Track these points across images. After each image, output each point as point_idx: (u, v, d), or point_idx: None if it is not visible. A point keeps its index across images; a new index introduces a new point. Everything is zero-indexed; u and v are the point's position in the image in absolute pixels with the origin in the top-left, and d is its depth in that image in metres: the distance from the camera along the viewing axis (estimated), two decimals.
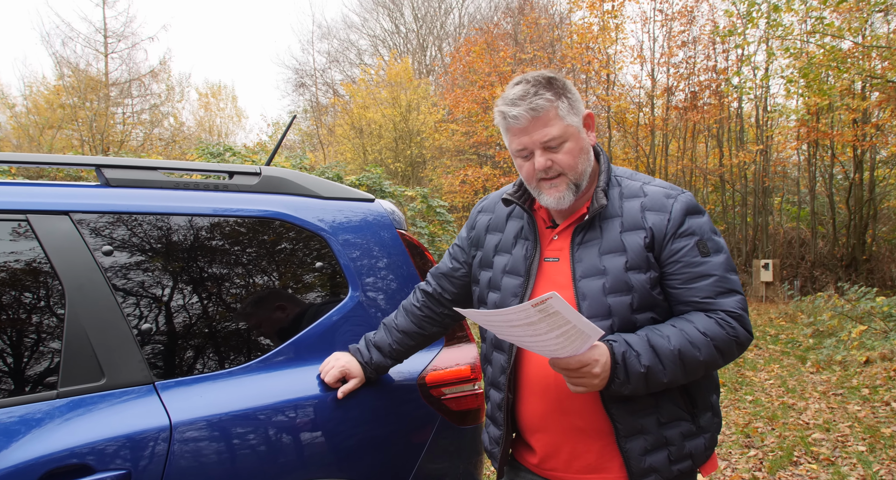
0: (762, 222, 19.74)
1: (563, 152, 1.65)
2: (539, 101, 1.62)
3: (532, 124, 1.63)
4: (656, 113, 20.33)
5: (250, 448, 1.80)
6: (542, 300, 1.32)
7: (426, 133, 22.03)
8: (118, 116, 23.85)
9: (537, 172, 1.67)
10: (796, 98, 16.82)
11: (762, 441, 5.32)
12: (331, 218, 2.18)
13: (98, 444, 1.61)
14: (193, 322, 1.91)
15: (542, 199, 1.70)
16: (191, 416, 1.75)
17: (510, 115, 1.64)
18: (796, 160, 21.60)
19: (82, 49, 27.15)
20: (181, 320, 1.89)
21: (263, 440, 1.82)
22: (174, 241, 1.94)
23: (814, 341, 10.02)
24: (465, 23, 29.28)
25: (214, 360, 1.90)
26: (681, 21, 20.02)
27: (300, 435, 1.89)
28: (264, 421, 1.84)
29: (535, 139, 1.64)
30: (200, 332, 1.91)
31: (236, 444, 1.78)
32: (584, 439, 1.67)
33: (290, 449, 1.86)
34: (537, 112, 1.62)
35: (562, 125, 1.64)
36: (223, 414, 1.79)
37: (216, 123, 30.71)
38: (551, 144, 1.64)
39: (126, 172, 1.94)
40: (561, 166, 1.66)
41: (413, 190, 14.63)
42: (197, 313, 1.92)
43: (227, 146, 12.76)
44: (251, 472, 1.79)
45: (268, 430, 1.83)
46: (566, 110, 1.65)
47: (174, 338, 1.87)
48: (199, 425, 1.75)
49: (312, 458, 1.89)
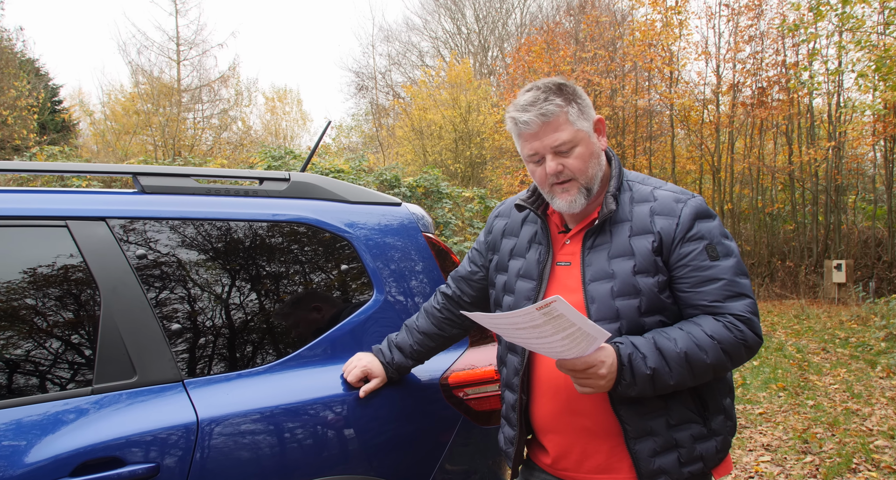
0: (835, 222, 18.98)
1: (573, 157, 1.68)
2: (549, 106, 1.65)
3: (543, 129, 1.66)
4: (722, 110, 19.80)
5: (275, 445, 1.87)
6: (546, 303, 1.35)
7: (486, 134, 22.05)
8: (189, 120, 24.74)
9: (549, 176, 1.69)
10: (872, 92, 16.11)
11: (820, 447, 5.15)
12: (357, 222, 2.24)
13: (128, 438, 1.71)
14: (221, 323, 2.00)
15: (555, 203, 1.73)
16: (217, 413, 1.83)
17: (521, 120, 1.67)
18: (872, 157, 20.69)
19: (156, 57, 28.32)
20: (210, 320, 1.98)
21: (289, 437, 1.89)
22: (204, 245, 2.03)
23: (886, 345, 9.59)
24: (527, 22, 29.17)
25: (241, 359, 1.98)
26: (748, 15, 19.45)
27: (327, 433, 1.95)
28: (289, 418, 1.90)
29: (546, 144, 1.67)
30: (228, 332, 2.00)
31: (261, 440, 1.86)
32: (593, 440, 1.69)
33: (316, 446, 1.92)
34: (547, 117, 1.65)
35: (572, 130, 1.67)
36: (249, 411, 1.87)
37: (282, 126, 31.49)
38: (562, 148, 1.67)
39: (160, 180, 2.05)
40: (572, 171, 1.68)
41: (471, 191, 14.70)
42: (225, 314, 2.01)
43: (287, 150, 13.11)
44: (276, 467, 1.86)
45: (292, 427, 1.90)
46: (576, 115, 1.68)
47: (203, 338, 1.96)
48: (225, 421, 1.83)
49: (340, 455, 1.95)
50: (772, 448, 5.20)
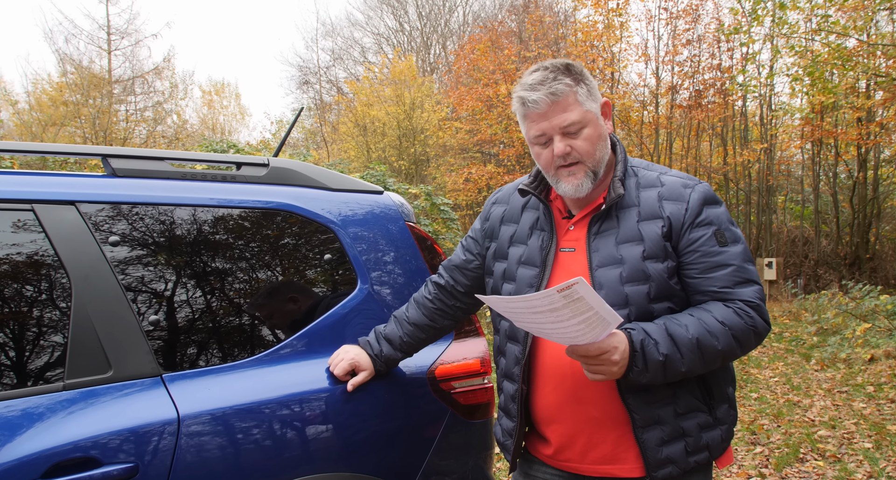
0: (766, 221, 19.68)
1: (581, 139, 1.63)
2: (559, 86, 1.60)
3: (551, 109, 1.61)
4: (661, 111, 20.27)
5: (259, 441, 1.78)
6: (568, 285, 1.30)
7: (430, 131, 22.00)
8: (121, 113, 23.86)
9: (556, 158, 1.65)
10: (801, 96, 16.77)
11: (768, 439, 5.30)
12: (339, 210, 2.16)
13: (104, 437, 1.59)
14: (202, 314, 1.89)
15: (560, 187, 1.68)
16: (199, 409, 1.73)
17: (530, 99, 1.62)
18: (800, 159, 21.54)
19: (85, 46, 27.24)
20: (189, 311, 1.87)
21: (272, 433, 1.80)
22: (182, 232, 1.92)
23: (818, 339, 9.99)
24: (470, 21, 29.24)
25: (223, 352, 1.88)
26: (685, 19, 19.94)
27: (310, 429, 1.86)
28: (273, 414, 1.81)
29: (555, 124, 1.62)
30: (209, 324, 1.89)
31: (245, 437, 1.76)
32: (599, 429, 1.66)
33: (300, 443, 1.84)
34: (557, 97, 1.60)
35: (581, 111, 1.62)
36: (232, 407, 1.77)
37: (219, 120, 30.71)
38: (570, 129, 1.62)
39: (133, 163, 1.92)
40: (579, 153, 1.64)
41: (417, 188, 14.60)
42: (205, 305, 1.90)
43: (230, 143, 12.76)
44: (260, 465, 1.77)
45: (277, 423, 1.81)
46: (585, 96, 1.64)
47: (182, 330, 1.85)
48: (208, 418, 1.72)
49: (322, 452, 1.87)
50: None
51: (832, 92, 12.06)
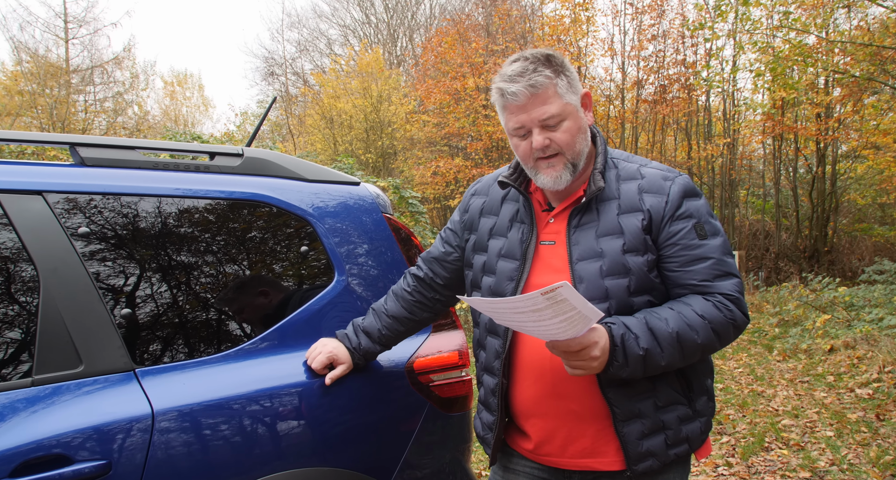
0: (728, 215, 20.01)
1: (561, 131, 1.61)
2: (538, 77, 1.58)
3: (531, 102, 1.59)
4: (626, 106, 20.45)
5: (235, 436, 1.74)
6: (553, 289, 1.29)
7: (397, 124, 21.88)
8: (80, 103, 23.28)
9: (535, 150, 1.63)
10: (763, 92, 17.06)
11: (734, 428, 5.39)
12: (316, 201, 2.12)
13: (75, 433, 1.54)
14: (176, 307, 1.84)
15: (539, 179, 1.66)
16: (173, 404, 1.68)
17: (509, 91, 1.60)
18: (762, 154, 21.94)
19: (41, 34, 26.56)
20: (163, 304, 1.82)
21: (249, 428, 1.76)
22: (154, 223, 1.87)
23: (780, 330, 10.19)
24: (437, 14, 29.14)
25: (198, 346, 1.83)
26: (651, 14, 20.14)
27: (287, 423, 1.83)
28: (250, 409, 1.78)
29: (534, 117, 1.60)
30: (183, 317, 1.84)
31: (221, 432, 1.72)
32: (579, 423, 1.65)
33: (276, 437, 1.80)
34: (536, 89, 1.58)
35: (560, 103, 1.60)
36: (207, 402, 1.73)
37: (182, 112, 30.17)
38: (550, 122, 1.60)
39: (102, 152, 1.86)
40: (559, 145, 1.62)
41: (385, 181, 14.52)
42: (179, 297, 1.86)
43: (194, 135, 12.54)
44: (236, 461, 1.73)
45: (254, 418, 1.78)
46: (565, 88, 1.61)
47: (155, 323, 1.80)
48: (183, 413, 1.68)
49: (299, 446, 1.84)
50: None
51: (793, 88, 12.27)
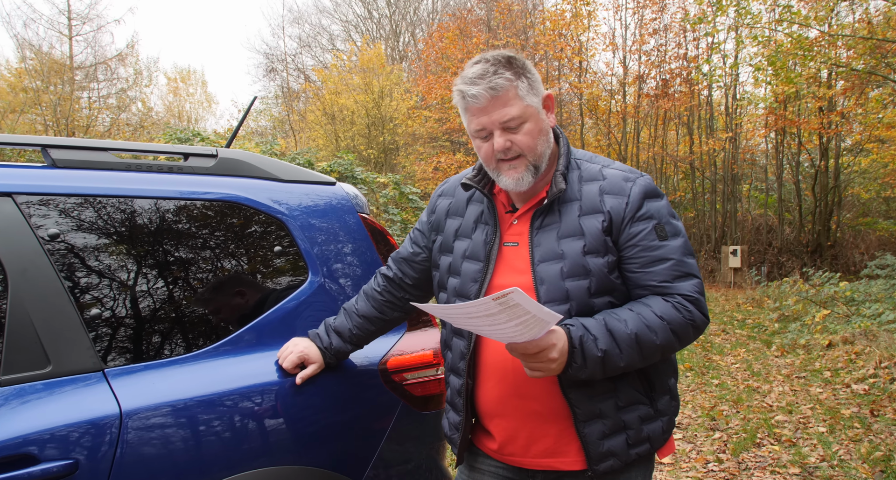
0: (731, 209, 19.97)
1: (522, 133, 1.62)
2: (499, 80, 1.58)
3: (491, 104, 1.59)
4: (628, 100, 20.41)
5: (205, 436, 1.75)
6: (504, 294, 1.30)
7: (399, 120, 21.91)
8: (84, 100, 23.37)
9: (496, 153, 1.63)
10: (765, 86, 17.00)
11: (727, 424, 5.40)
12: (290, 201, 2.13)
13: (43, 433, 1.55)
14: (146, 308, 1.85)
15: (501, 180, 1.67)
16: (142, 404, 1.70)
17: (469, 94, 1.60)
18: (764, 148, 21.87)
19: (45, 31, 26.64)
20: (133, 305, 1.84)
21: (219, 428, 1.78)
22: (125, 224, 1.88)
23: (779, 325, 10.18)
24: (439, 9, 29.11)
25: (168, 346, 1.85)
26: (652, 8, 20.08)
27: (258, 423, 1.84)
28: (220, 409, 1.79)
29: (495, 119, 1.60)
30: (153, 317, 1.86)
31: (191, 432, 1.74)
32: (541, 423, 1.66)
33: (247, 436, 1.82)
34: (497, 91, 1.58)
35: (521, 105, 1.61)
36: (177, 402, 1.74)
37: (185, 108, 30.22)
38: (510, 124, 1.61)
39: (74, 153, 1.87)
40: (520, 147, 1.62)
41: (385, 177, 14.56)
42: (150, 298, 1.87)
43: (195, 132, 12.57)
44: (206, 460, 1.74)
45: (224, 418, 1.79)
46: (526, 90, 1.62)
47: (126, 324, 1.81)
48: (151, 413, 1.70)
49: (271, 445, 1.85)
50: (683, 426, 5.40)
51: (793, 82, 12.22)
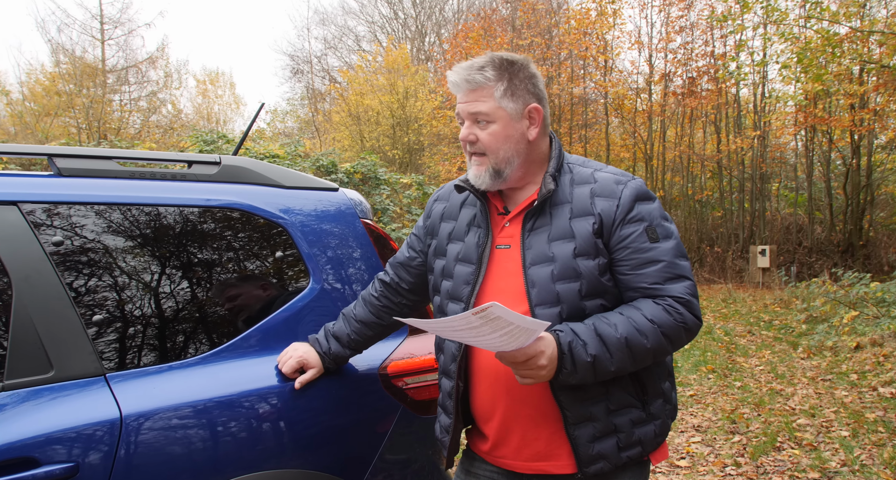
0: (759, 209, 19.69)
1: (487, 132, 1.67)
2: (478, 76, 1.66)
3: (467, 94, 1.68)
4: (654, 99, 20.22)
5: (205, 439, 1.78)
6: (483, 309, 1.31)
7: (424, 120, 21.94)
8: (115, 103, 23.80)
9: (462, 140, 1.72)
10: (794, 83, 16.72)
11: (747, 427, 5.33)
12: (292, 207, 2.16)
13: (44, 437, 1.59)
14: (147, 314, 1.89)
15: (469, 171, 1.74)
16: (142, 408, 1.73)
17: (450, 79, 1.70)
18: (794, 146, 21.52)
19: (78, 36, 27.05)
20: (135, 311, 1.88)
21: (219, 431, 1.81)
22: (128, 231, 1.92)
23: (807, 327, 10.02)
24: (464, 8, 29.10)
25: (169, 351, 1.88)
26: (678, 6, 19.87)
27: (258, 427, 1.87)
28: (219, 413, 1.82)
29: (466, 109, 1.69)
30: (154, 323, 1.90)
31: (190, 436, 1.77)
32: (533, 426, 1.67)
33: (247, 441, 1.84)
34: (471, 85, 1.67)
35: (493, 105, 1.66)
36: (177, 406, 1.78)
37: (214, 110, 30.60)
38: (477, 118, 1.67)
39: (79, 162, 1.92)
40: (483, 145, 1.68)
41: (409, 177, 14.60)
42: (151, 305, 1.91)
43: (220, 134, 12.71)
44: (207, 463, 1.78)
45: (224, 422, 1.82)
46: (502, 93, 1.66)
47: (127, 330, 1.85)
48: (151, 417, 1.73)
49: (270, 449, 1.88)
50: (702, 429, 5.35)
51: (821, 79, 12.00)
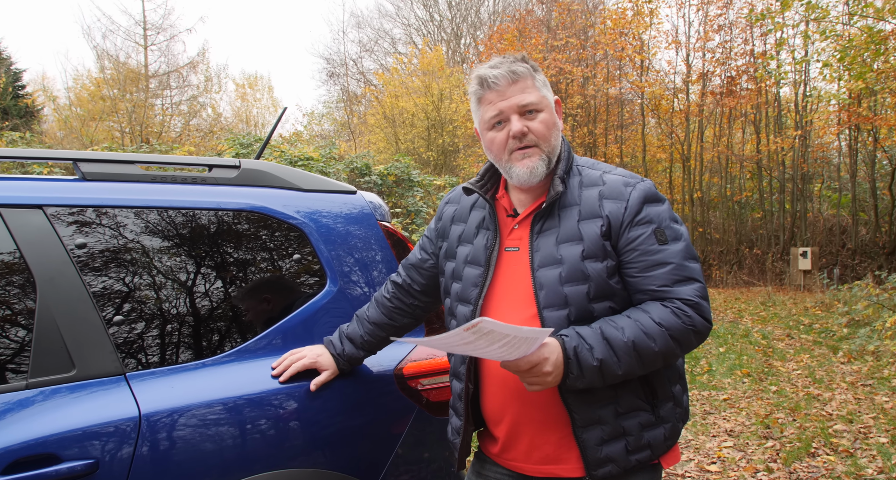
0: (801, 210, 19.27)
1: (538, 121, 1.66)
2: (519, 67, 1.66)
3: (510, 89, 1.65)
4: (691, 99, 19.94)
5: (221, 438, 1.82)
6: (473, 324, 1.31)
7: (459, 122, 21.97)
8: (157, 107, 24.36)
9: (511, 140, 1.66)
10: (837, 82, 16.33)
11: (781, 432, 5.23)
12: (311, 210, 2.19)
13: (65, 434, 1.64)
14: (167, 314, 1.94)
15: (514, 172, 1.68)
16: (161, 406, 1.77)
17: (490, 76, 1.65)
18: (837, 146, 21.00)
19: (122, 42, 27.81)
20: (155, 312, 1.92)
21: (235, 430, 1.84)
22: (149, 234, 1.97)
23: (848, 330, 9.78)
24: (500, 10, 29.08)
25: (188, 351, 1.93)
26: (717, 4, 19.57)
27: (274, 426, 1.90)
28: (236, 412, 1.85)
29: (513, 103, 1.65)
30: (174, 324, 1.94)
31: (207, 434, 1.80)
32: (542, 430, 1.66)
33: (262, 440, 1.87)
34: (517, 75, 1.65)
35: (538, 94, 1.67)
36: (194, 405, 1.81)
37: (252, 113, 31.09)
38: (528, 108, 1.65)
39: (102, 166, 1.97)
40: (536, 135, 1.66)
41: (442, 179, 14.65)
42: (171, 305, 1.95)
43: (256, 137, 12.89)
44: (222, 462, 1.81)
45: (240, 421, 1.85)
46: (542, 83, 1.69)
47: (147, 330, 1.90)
48: (170, 415, 1.77)
49: (286, 449, 1.90)
50: (734, 434, 5.26)
51: (864, 78, 11.70)
